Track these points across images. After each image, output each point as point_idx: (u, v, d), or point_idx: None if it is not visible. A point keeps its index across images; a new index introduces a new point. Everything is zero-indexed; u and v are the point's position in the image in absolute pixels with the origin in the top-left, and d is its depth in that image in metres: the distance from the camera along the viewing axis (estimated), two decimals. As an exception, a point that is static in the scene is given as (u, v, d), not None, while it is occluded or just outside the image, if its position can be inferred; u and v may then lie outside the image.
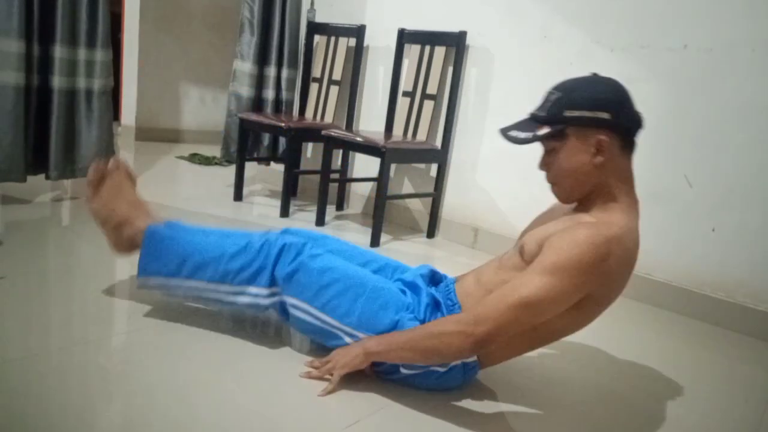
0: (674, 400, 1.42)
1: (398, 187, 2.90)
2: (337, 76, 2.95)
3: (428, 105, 2.63)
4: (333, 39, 2.97)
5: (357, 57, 2.89)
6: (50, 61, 2.23)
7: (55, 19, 2.20)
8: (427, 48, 2.65)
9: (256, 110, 3.04)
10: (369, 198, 3.04)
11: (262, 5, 2.96)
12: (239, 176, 2.92)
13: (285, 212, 2.71)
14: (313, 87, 3.06)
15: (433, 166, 2.73)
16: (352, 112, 2.97)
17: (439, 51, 2.60)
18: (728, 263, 1.99)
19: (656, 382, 1.52)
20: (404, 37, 2.74)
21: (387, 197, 2.45)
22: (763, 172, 1.91)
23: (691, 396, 1.46)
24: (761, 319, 1.93)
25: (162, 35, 4.49)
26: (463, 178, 2.66)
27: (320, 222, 2.64)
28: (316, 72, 3.05)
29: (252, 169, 3.46)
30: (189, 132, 4.79)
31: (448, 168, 2.69)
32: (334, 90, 2.96)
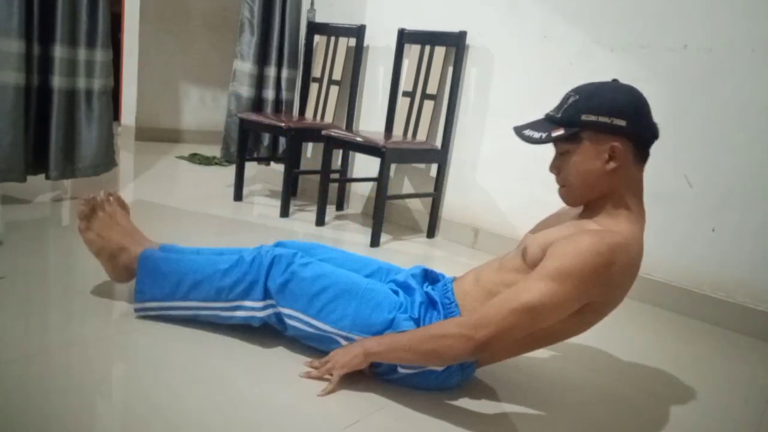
0: (674, 400, 1.42)
1: (398, 187, 2.90)
2: (337, 76, 2.95)
3: (428, 105, 2.63)
4: (333, 39, 2.97)
5: (357, 57, 2.89)
6: (50, 61, 2.23)
7: (55, 19, 2.20)
8: (427, 48, 2.65)
9: (256, 110, 3.04)
10: (369, 198, 3.04)
11: (262, 5, 2.96)
12: (239, 176, 2.92)
13: (285, 212, 2.71)
14: (313, 87, 3.06)
15: (433, 166, 2.73)
16: (352, 112, 2.98)
17: (439, 51, 2.60)
18: (728, 263, 1.99)
19: (656, 382, 1.52)
20: (404, 37, 2.74)
21: (387, 197, 2.45)
22: (763, 172, 1.91)
23: (691, 396, 1.46)
24: (761, 319, 1.93)
25: (162, 35, 4.49)
26: (463, 178, 2.66)
27: (320, 222, 2.64)
28: (316, 72, 3.05)
29: (252, 169, 3.46)
30: (189, 132, 4.79)
31: (448, 168, 2.69)
32: (334, 90, 2.96)
